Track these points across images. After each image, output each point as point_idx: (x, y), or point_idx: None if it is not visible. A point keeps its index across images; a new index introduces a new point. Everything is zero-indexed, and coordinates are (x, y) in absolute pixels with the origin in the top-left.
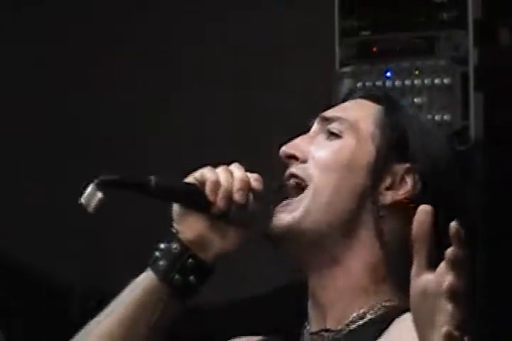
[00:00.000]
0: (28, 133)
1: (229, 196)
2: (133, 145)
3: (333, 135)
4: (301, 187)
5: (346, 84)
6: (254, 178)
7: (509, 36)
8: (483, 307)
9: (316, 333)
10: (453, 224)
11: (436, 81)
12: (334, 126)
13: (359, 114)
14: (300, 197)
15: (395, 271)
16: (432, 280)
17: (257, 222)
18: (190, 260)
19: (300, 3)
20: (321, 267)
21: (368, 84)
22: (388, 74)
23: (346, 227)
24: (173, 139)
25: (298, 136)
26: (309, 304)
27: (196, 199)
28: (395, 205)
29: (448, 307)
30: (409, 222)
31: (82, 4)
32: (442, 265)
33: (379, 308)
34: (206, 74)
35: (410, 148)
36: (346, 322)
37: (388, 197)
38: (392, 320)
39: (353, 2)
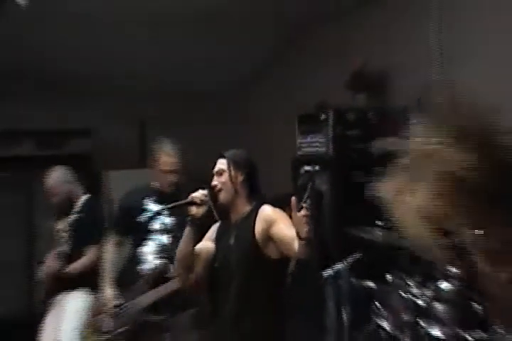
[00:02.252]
0: None
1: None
2: None
3: (220, 172)
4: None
5: None
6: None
7: None
8: None
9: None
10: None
11: None
12: (219, 169)
13: (224, 165)
14: (221, 191)
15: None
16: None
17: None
18: None
19: None
20: (232, 207)
21: None
22: None
23: (234, 195)
24: None
25: None
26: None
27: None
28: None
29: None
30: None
31: None
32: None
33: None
34: None
35: (247, 167)
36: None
37: (234, 179)
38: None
39: None
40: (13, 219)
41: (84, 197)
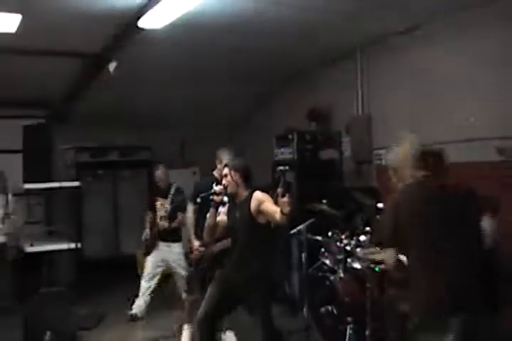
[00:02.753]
0: None
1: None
2: None
3: (226, 175)
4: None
5: None
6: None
7: None
8: None
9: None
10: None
11: None
12: (225, 173)
13: (228, 171)
14: (228, 186)
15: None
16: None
17: None
18: None
19: None
20: (236, 194)
21: None
22: None
23: (236, 188)
24: None
25: None
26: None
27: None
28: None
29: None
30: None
31: None
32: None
33: (248, 193)
34: None
35: (242, 170)
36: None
37: (234, 178)
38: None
39: None
40: (104, 200)
41: (174, 184)
